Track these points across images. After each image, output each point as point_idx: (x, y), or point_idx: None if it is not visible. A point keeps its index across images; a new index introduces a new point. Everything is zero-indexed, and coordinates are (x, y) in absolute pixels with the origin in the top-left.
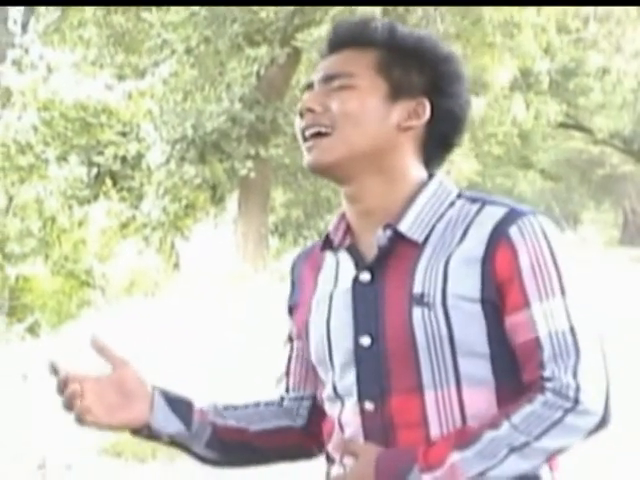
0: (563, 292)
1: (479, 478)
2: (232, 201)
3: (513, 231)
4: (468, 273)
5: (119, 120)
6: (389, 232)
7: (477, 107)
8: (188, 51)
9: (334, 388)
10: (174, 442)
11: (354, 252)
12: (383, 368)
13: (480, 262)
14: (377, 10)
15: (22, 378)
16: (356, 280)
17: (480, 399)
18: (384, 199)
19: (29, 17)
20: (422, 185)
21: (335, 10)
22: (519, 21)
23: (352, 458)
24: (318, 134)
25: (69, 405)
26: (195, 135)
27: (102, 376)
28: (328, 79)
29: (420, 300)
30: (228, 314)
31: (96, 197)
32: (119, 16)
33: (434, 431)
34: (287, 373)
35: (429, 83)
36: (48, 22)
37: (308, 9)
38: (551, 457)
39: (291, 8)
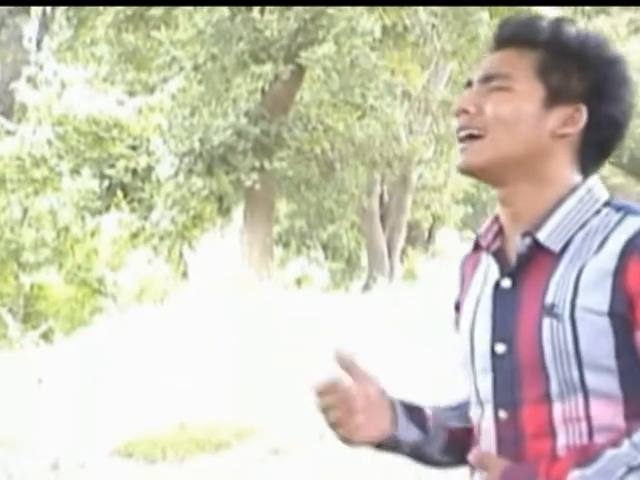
0: None
1: None
2: (238, 212)
3: None
4: (599, 285)
5: (130, 134)
6: (528, 240)
7: None
8: (196, 68)
9: (477, 393)
10: (413, 452)
11: (500, 256)
12: (516, 377)
13: (612, 274)
14: (377, 29)
15: (37, 382)
16: (497, 285)
17: (607, 412)
18: (534, 204)
19: (43, 35)
20: (571, 191)
21: (338, 28)
22: None
23: (483, 471)
24: (471, 136)
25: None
26: (202, 148)
27: (352, 391)
28: (486, 79)
29: (550, 311)
30: (234, 321)
31: (108, 208)
32: (130, 34)
33: (561, 442)
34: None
35: (590, 88)
36: (62, 40)
37: (311, 28)
38: None
39: (295, 26)
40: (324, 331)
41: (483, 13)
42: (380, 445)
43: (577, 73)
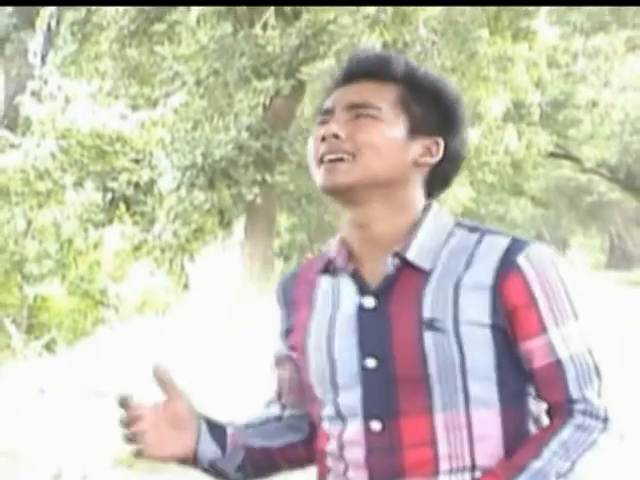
0: (576, 316)
1: None
2: (239, 225)
3: (521, 260)
4: (478, 300)
5: (132, 148)
6: (397, 260)
7: (472, 137)
8: (198, 83)
9: (336, 408)
10: (211, 468)
11: (357, 278)
12: (391, 390)
13: (490, 290)
14: (377, 45)
15: (39, 392)
16: (360, 306)
17: (486, 420)
18: (389, 227)
19: (48, 49)
20: (424, 214)
21: (339, 45)
22: (512, 56)
23: None
24: (339, 159)
25: (128, 430)
26: (204, 162)
27: (157, 406)
28: (352, 107)
29: (430, 325)
30: (235, 332)
31: (110, 221)
32: (133, 49)
33: (442, 450)
34: (282, 392)
35: (443, 123)
36: (66, 54)
37: (312, 44)
38: None
39: (296, 42)
40: None
41: (482, 30)
42: (182, 460)
43: (433, 108)
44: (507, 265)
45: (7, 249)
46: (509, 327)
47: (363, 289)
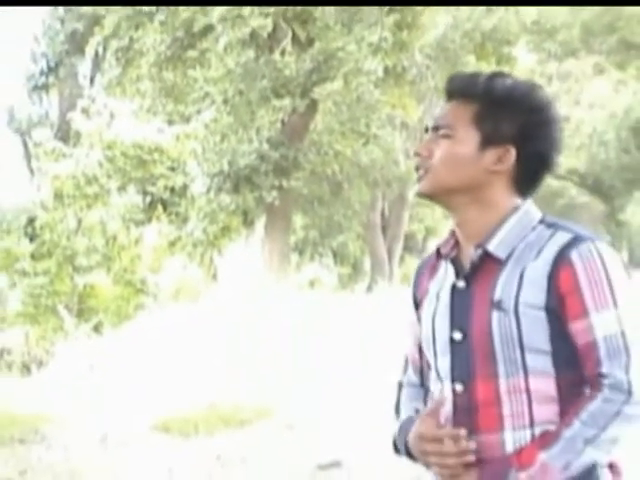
0: (615, 304)
1: (564, 470)
2: (260, 224)
3: (574, 255)
4: (536, 285)
5: (168, 157)
6: (479, 251)
7: None
8: (225, 101)
9: (437, 371)
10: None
11: (456, 263)
12: (470, 358)
13: (546, 278)
14: (379, 69)
15: (89, 368)
16: (454, 286)
17: (542, 386)
18: (480, 224)
19: (96, 72)
20: (512, 212)
21: (346, 68)
22: None
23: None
24: (421, 173)
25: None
26: (230, 170)
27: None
28: (435, 128)
29: (499, 306)
30: (257, 317)
31: (149, 220)
32: (169, 72)
33: (506, 410)
34: (414, 358)
35: (518, 131)
36: (111, 77)
37: (324, 68)
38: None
39: (310, 66)
40: (333, 326)
41: (470, 57)
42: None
43: (507, 119)
44: (562, 258)
45: (60, 244)
46: (560, 310)
47: (458, 273)
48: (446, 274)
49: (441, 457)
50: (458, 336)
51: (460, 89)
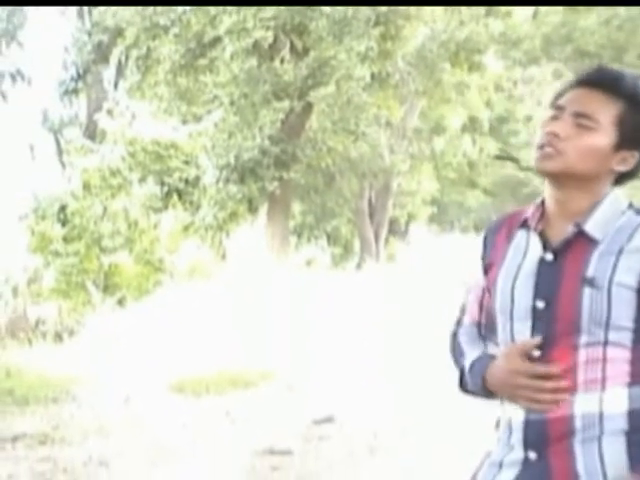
0: None
1: None
2: (263, 211)
3: None
4: (631, 268)
5: (183, 152)
6: (577, 228)
7: (438, 144)
8: (232, 103)
9: (511, 333)
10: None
11: (543, 236)
12: (551, 326)
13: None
14: (367, 75)
15: (113, 337)
16: (542, 258)
17: (618, 355)
18: (577, 204)
19: (119, 78)
20: (604, 197)
21: (338, 74)
22: (468, 83)
23: None
24: (550, 152)
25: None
26: (237, 163)
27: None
28: (577, 115)
29: (591, 282)
30: (261, 291)
31: (166, 207)
32: (183, 78)
33: (580, 377)
34: (474, 314)
35: None
36: (132, 82)
37: (318, 74)
38: None
39: (306, 73)
40: (327, 298)
41: (445, 64)
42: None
43: None
44: None
45: (88, 229)
46: None
47: (546, 246)
48: (528, 244)
49: (535, 392)
50: (541, 304)
51: (609, 83)
